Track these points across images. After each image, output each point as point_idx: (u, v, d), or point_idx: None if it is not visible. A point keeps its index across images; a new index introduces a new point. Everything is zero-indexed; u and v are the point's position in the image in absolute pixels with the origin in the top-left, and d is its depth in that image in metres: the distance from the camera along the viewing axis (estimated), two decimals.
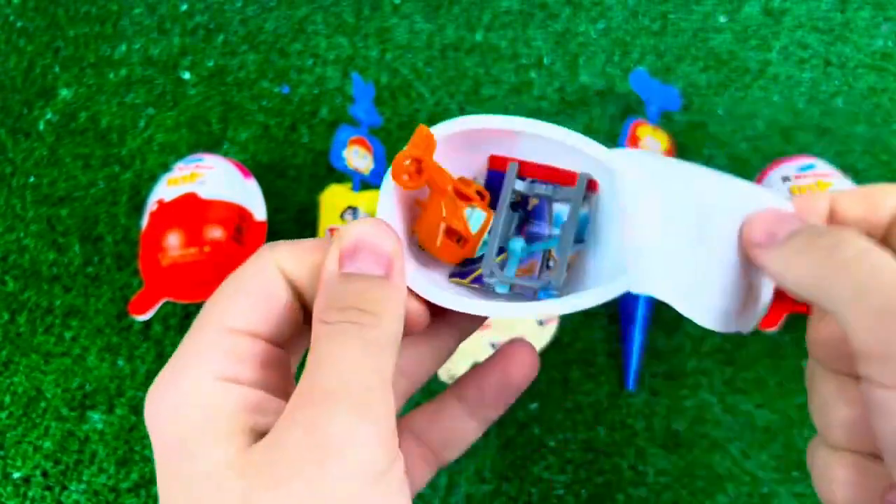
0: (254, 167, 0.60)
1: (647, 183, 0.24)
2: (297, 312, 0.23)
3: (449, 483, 0.50)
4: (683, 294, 0.23)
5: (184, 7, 0.68)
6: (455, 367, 0.50)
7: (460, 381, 0.27)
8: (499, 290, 0.27)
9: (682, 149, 0.59)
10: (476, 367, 0.28)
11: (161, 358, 0.55)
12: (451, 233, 0.27)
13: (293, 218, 0.59)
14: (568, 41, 0.65)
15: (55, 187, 0.61)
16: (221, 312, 0.21)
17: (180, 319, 0.56)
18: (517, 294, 0.27)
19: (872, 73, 0.62)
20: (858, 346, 0.18)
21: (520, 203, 0.28)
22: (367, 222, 0.22)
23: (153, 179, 0.60)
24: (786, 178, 0.52)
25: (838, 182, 0.51)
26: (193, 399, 0.20)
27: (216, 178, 0.54)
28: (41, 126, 0.64)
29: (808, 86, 0.62)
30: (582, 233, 0.27)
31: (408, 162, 0.27)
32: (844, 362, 0.22)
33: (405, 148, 0.28)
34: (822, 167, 0.52)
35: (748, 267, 0.23)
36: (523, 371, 0.27)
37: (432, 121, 0.62)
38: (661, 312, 0.54)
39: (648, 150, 0.55)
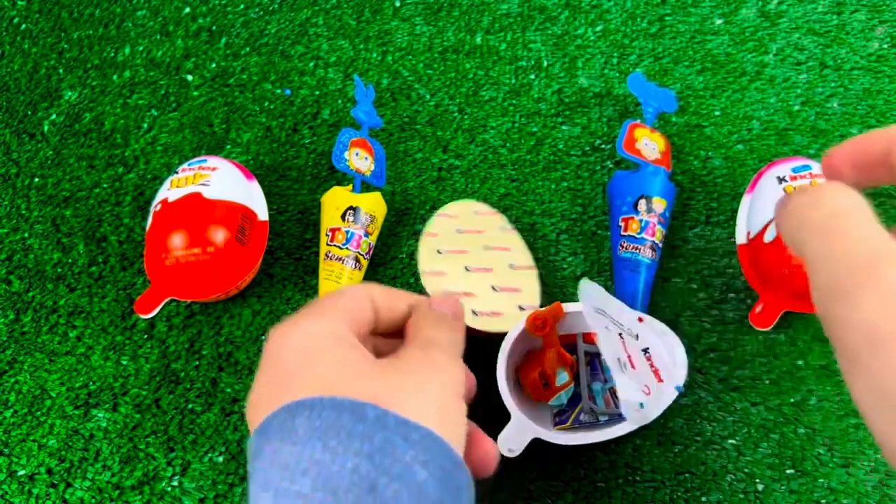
0: (256, 168, 0.61)
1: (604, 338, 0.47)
2: (371, 327, 0.34)
3: None
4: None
5: (187, 10, 0.69)
6: None
7: None
8: (601, 419, 0.49)
9: (679, 150, 0.60)
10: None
11: (165, 356, 0.55)
12: (542, 375, 0.48)
13: (295, 218, 0.59)
14: (566, 44, 0.65)
15: (60, 188, 0.62)
16: (342, 306, 0.32)
17: (184, 318, 0.56)
18: (603, 422, 0.49)
19: (867, 75, 0.62)
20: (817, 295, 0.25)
21: (589, 360, 0.51)
22: (447, 296, 0.36)
23: (157, 180, 0.61)
24: (781, 179, 0.53)
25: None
26: (327, 329, 0.30)
27: (219, 179, 0.54)
28: (46, 127, 0.64)
29: (803, 88, 0.62)
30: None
31: (540, 318, 0.47)
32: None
33: (545, 309, 0.47)
34: (818, 168, 0.53)
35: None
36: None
37: (432, 122, 0.63)
38: (655, 310, 0.54)
39: (646, 151, 0.55)
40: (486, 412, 0.44)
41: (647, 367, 0.46)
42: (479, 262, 0.52)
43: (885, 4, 0.65)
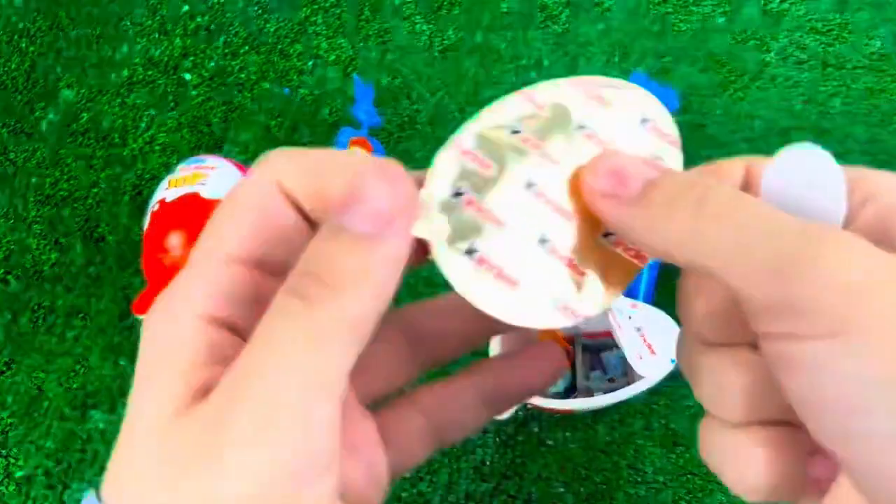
0: None
1: None
2: (306, 232, 0.19)
3: (449, 481, 0.50)
4: None
5: (185, 8, 0.69)
6: None
7: (480, 371, 0.25)
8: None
9: (681, 150, 0.60)
10: (500, 361, 0.26)
11: None
12: None
13: None
14: (567, 42, 0.65)
15: (57, 188, 0.62)
16: (218, 238, 0.18)
17: None
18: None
19: (870, 74, 0.62)
20: (754, 303, 0.16)
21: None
22: (372, 162, 0.18)
23: (155, 180, 0.61)
24: None
25: None
26: (169, 334, 0.18)
27: (218, 179, 0.54)
28: (43, 127, 0.64)
29: (806, 87, 0.62)
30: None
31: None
32: (733, 330, 0.19)
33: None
34: None
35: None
36: (548, 375, 0.25)
37: (432, 122, 0.62)
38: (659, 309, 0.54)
39: None
40: None
41: (640, 341, 0.47)
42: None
43: (889, 3, 0.65)
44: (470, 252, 0.18)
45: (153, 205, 0.54)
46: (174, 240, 0.51)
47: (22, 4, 0.70)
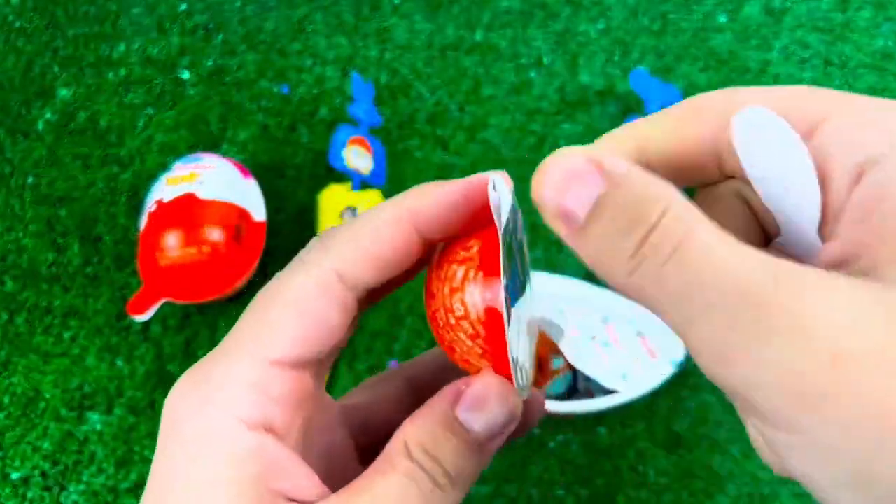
0: (253, 167, 0.60)
1: None
2: (348, 328, 0.19)
3: None
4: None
5: (183, 7, 0.68)
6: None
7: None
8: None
9: None
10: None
11: (160, 359, 0.54)
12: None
13: (293, 218, 0.59)
14: (568, 41, 0.65)
15: (54, 187, 0.61)
16: (263, 338, 0.18)
17: (179, 320, 0.56)
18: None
19: (873, 73, 0.62)
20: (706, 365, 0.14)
21: None
22: (496, 379, 0.18)
23: (152, 179, 0.60)
24: None
25: None
26: (216, 443, 0.17)
27: (215, 178, 0.54)
28: (40, 126, 0.64)
29: (808, 85, 0.61)
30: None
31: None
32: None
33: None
34: None
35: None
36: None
37: (432, 120, 0.62)
38: None
39: None
40: None
41: (638, 346, 0.47)
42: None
43: (891, 1, 0.64)
44: None
45: (150, 204, 0.53)
46: (171, 240, 0.51)
47: (18, 3, 0.69)
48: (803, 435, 0.13)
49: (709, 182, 0.18)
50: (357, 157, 0.55)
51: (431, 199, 0.19)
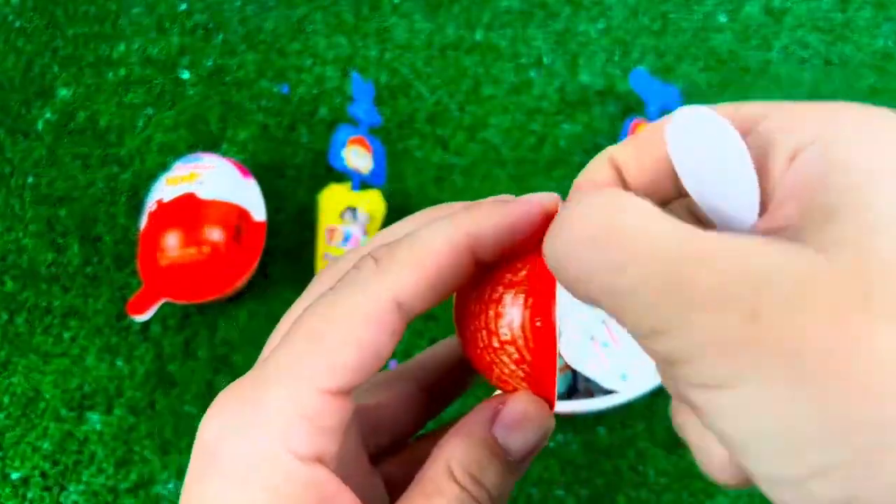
0: (253, 167, 0.60)
1: None
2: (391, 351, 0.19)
3: None
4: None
5: (183, 6, 0.68)
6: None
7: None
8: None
9: None
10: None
11: (160, 359, 0.54)
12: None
13: (293, 218, 0.59)
14: (568, 41, 0.65)
15: (54, 187, 0.61)
16: (317, 366, 0.17)
17: (179, 320, 0.56)
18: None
19: (873, 72, 0.61)
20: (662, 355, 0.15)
21: None
22: (533, 399, 0.19)
23: (152, 179, 0.60)
24: None
25: None
26: (267, 475, 0.16)
27: (215, 178, 0.54)
28: (40, 126, 0.64)
29: (808, 86, 0.61)
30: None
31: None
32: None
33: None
34: None
35: None
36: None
37: (432, 120, 0.62)
38: None
39: None
40: None
41: (638, 346, 0.48)
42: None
43: (891, 1, 0.64)
44: None
45: (150, 204, 0.53)
46: (171, 239, 0.51)
47: (18, 3, 0.69)
48: (733, 389, 0.13)
49: (672, 199, 0.19)
50: (357, 156, 0.55)
51: (491, 224, 0.18)
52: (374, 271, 0.18)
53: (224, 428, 0.16)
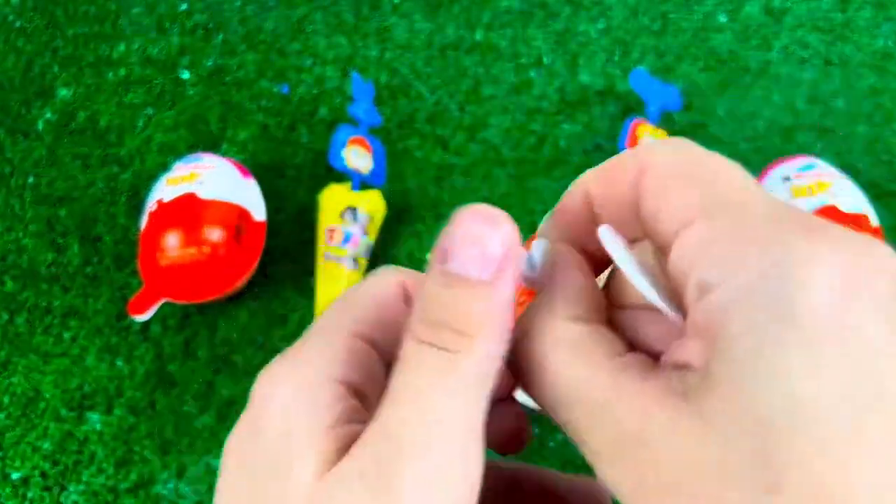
0: (253, 167, 0.60)
1: None
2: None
3: None
4: None
5: (183, 6, 0.68)
6: None
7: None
8: None
9: None
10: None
11: (160, 358, 0.54)
12: None
13: (293, 218, 0.59)
14: (568, 41, 0.65)
15: (54, 187, 0.61)
16: (346, 315, 0.19)
17: (179, 320, 0.56)
18: None
19: (873, 72, 0.62)
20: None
21: None
22: (479, 209, 0.17)
23: (152, 179, 0.60)
24: (786, 178, 0.52)
25: (838, 182, 0.51)
26: (306, 395, 0.18)
27: (215, 178, 0.54)
28: (40, 126, 0.64)
29: (808, 86, 0.61)
30: None
31: None
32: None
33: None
34: (823, 167, 0.52)
35: None
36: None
37: (432, 120, 0.62)
38: None
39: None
40: None
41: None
42: None
43: (891, 1, 0.64)
44: None
45: (150, 204, 0.53)
46: (171, 239, 0.51)
47: (18, 3, 0.69)
48: None
49: (639, 237, 0.19)
50: (357, 156, 0.55)
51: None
52: (383, 273, 0.21)
53: (277, 375, 0.18)
